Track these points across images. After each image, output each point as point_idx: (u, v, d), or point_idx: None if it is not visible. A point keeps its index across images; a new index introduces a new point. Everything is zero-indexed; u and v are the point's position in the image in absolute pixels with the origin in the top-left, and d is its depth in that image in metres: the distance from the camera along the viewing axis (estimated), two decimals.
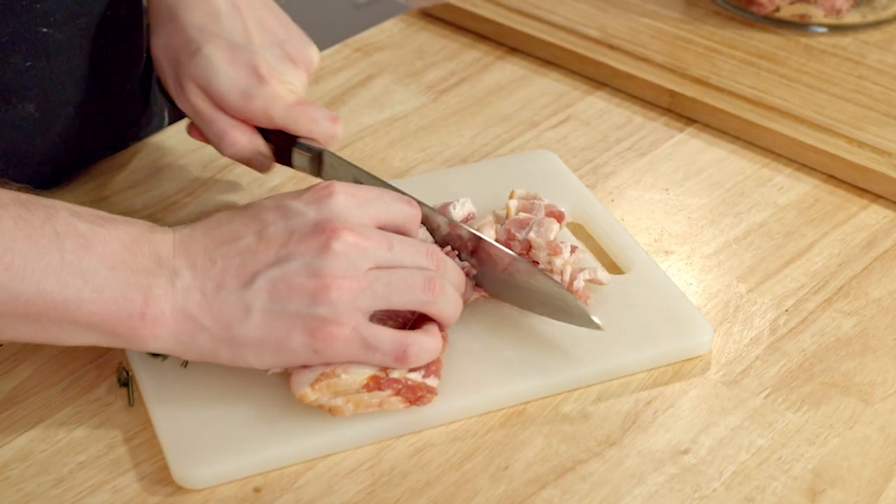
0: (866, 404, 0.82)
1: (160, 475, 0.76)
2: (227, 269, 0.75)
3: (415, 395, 0.77)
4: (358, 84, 1.14)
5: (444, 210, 0.90)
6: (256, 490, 0.76)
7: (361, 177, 0.86)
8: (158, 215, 0.98)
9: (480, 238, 0.84)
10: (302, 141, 0.87)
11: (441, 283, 0.78)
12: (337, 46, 1.19)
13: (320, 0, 2.39)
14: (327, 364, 0.76)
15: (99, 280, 0.73)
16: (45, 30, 0.92)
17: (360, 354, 0.76)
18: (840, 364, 0.85)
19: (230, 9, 0.90)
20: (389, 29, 1.21)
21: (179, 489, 0.75)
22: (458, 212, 0.90)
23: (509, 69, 1.16)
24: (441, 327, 0.80)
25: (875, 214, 0.98)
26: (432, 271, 0.78)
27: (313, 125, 0.87)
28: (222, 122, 0.87)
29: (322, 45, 1.19)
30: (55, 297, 0.72)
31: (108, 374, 0.83)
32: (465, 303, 0.84)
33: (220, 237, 0.76)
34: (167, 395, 0.79)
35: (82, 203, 0.98)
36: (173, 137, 1.06)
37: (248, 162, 0.89)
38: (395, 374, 0.77)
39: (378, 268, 0.76)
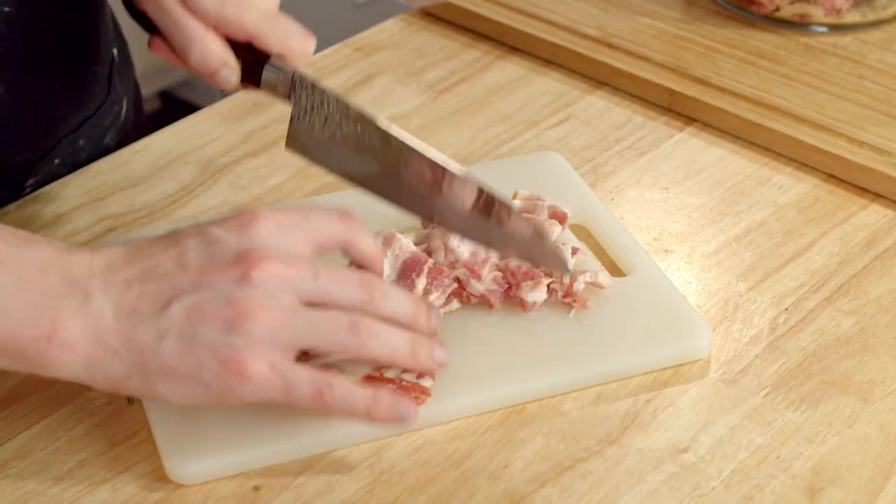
0: (866, 403, 0.82)
1: (160, 473, 0.76)
2: (143, 295, 0.72)
3: (409, 396, 0.77)
4: (358, 84, 1.14)
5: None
6: (256, 488, 0.76)
7: (334, 101, 0.81)
8: (158, 215, 0.98)
9: (446, 171, 0.80)
10: (274, 61, 0.82)
11: (368, 324, 0.73)
12: (337, 46, 1.19)
13: (320, 0, 2.39)
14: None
15: (5, 299, 0.70)
16: (7, 9, 0.91)
17: (276, 392, 0.72)
18: (839, 363, 0.85)
19: None
20: (389, 29, 1.21)
21: (179, 487, 0.76)
22: None
23: (509, 69, 1.16)
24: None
25: (875, 214, 0.98)
26: (365, 306, 0.74)
27: (287, 38, 0.82)
28: (192, 27, 0.81)
29: (322, 45, 1.19)
30: None
31: None
32: (432, 333, 0.78)
33: (137, 262, 0.73)
34: None
35: (82, 202, 0.99)
36: (173, 137, 1.06)
37: (212, 76, 0.83)
38: (389, 374, 0.77)
39: (306, 303, 0.72)
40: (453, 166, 0.80)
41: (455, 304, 0.85)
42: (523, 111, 1.10)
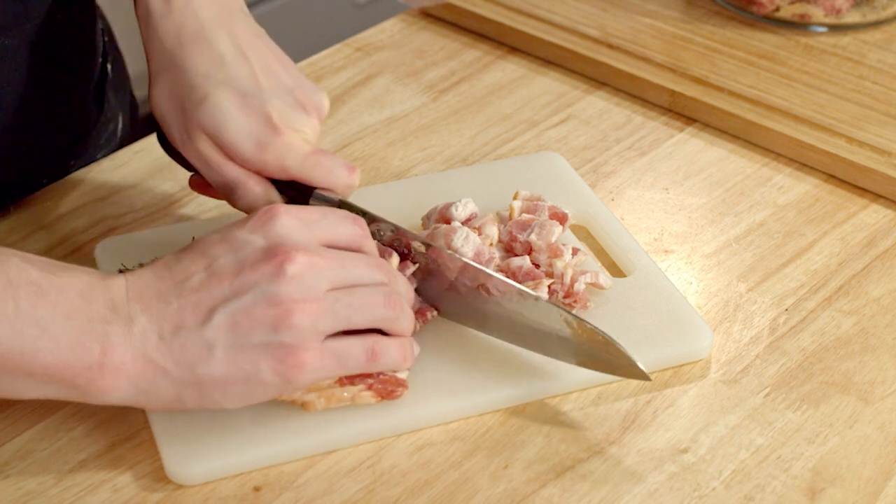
0: (866, 403, 0.82)
1: (160, 474, 0.76)
2: (184, 309, 0.73)
3: (386, 390, 0.78)
4: (358, 84, 1.14)
5: (444, 209, 0.90)
6: (256, 489, 0.76)
7: (382, 225, 0.83)
8: (158, 215, 0.98)
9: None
10: (319, 192, 0.83)
11: (399, 298, 0.77)
12: (337, 46, 1.19)
13: (320, 0, 2.39)
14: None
15: (55, 329, 0.70)
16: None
17: (333, 370, 0.75)
18: (840, 363, 0.85)
19: (236, 54, 0.85)
20: (389, 29, 1.21)
21: (179, 488, 0.76)
22: (461, 212, 0.90)
23: (509, 69, 1.16)
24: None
25: (875, 214, 0.98)
26: (388, 287, 0.77)
27: (330, 175, 0.83)
28: (234, 172, 0.82)
29: (322, 45, 1.20)
30: (9, 346, 0.69)
31: None
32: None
33: (170, 278, 0.74)
34: None
35: (82, 202, 0.99)
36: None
37: None
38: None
39: (335, 288, 0.74)
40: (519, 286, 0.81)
41: None
42: (523, 111, 1.10)
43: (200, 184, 0.88)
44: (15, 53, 0.93)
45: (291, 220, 0.75)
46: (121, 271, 0.75)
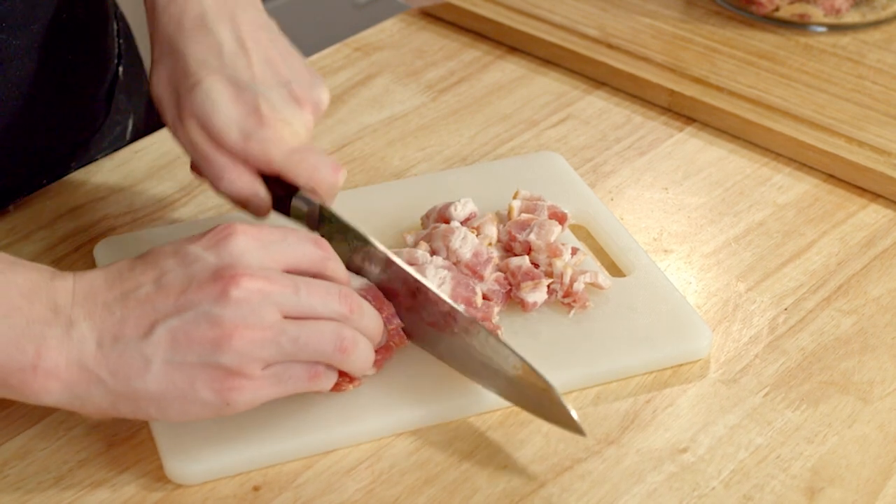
0: (865, 403, 0.82)
1: (160, 473, 0.76)
2: (126, 320, 0.71)
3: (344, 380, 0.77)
4: (358, 84, 1.14)
5: (444, 209, 0.90)
6: (256, 488, 0.76)
7: (360, 240, 0.81)
8: (158, 215, 0.98)
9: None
10: (302, 194, 0.82)
11: (353, 337, 0.74)
12: (337, 46, 1.19)
13: (320, 0, 2.39)
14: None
15: None
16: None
17: (274, 394, 0.73)
18: (839, 363, 0.85)
19: (234, 44, 0.85)
20: (389, 29, 1.22)
21: (178, 487, 0.76)
22: (460, 211, 0.90)
23: (509, 68, 1.16)
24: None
25: (874, 214, 0.98)
26: (344, 320, 0.74)
27: (314, 173, 0.82)
28: (220, 161, 0.82)
29: (322, 45, 1.20)
30: None
31: None
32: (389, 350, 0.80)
33: (119, 286, 0.72)
34: None
35: (82, 202, 0.99)
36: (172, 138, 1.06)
37: (244, 204, 0.84)
38: None
39: (287, 316, 0.72)
40: (470, 315, 0.79)
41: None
42: (523, 111, 1.10)
43: (199, 170, 0.87)
44: (21, 54, 0.93)
45: (248, 241, 0.73)
46: None
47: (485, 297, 0.85)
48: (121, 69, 1.08)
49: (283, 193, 0.83)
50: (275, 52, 0.86)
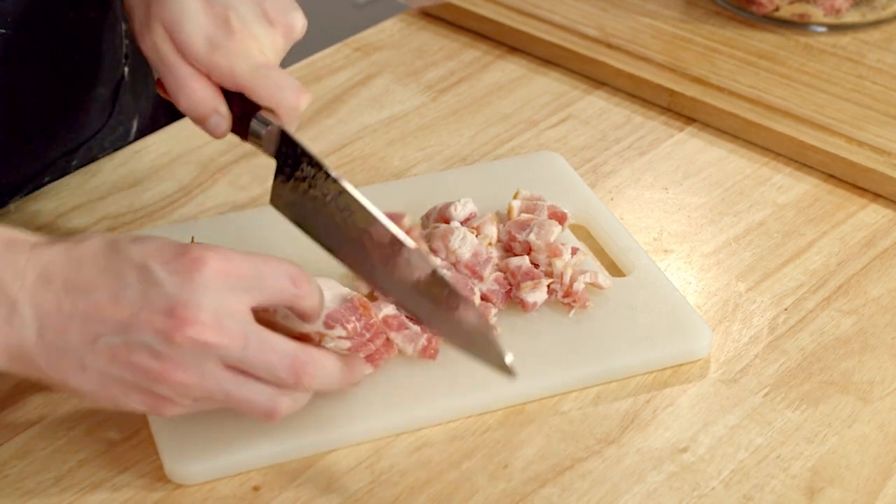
0: (865, 403, 0.82)
1: (160, 473, 0.76)
2: (72, 319, 0.70)
3: None
4: (358, 84, 1.14)
5: (444, 209, 0.90)
6: (255, 488, 0.76)
7: (316, 166, 0.77)
8: (158, 215, 0.98)
9: (403, 245, 0.75)
10: (261, 115, 0.79)
11: (289, 405, 0.73)
12: (337, 46, 1.19)
13: (320, 0, 2.39)
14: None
15: None
16: (2, 31, 0.91)
17: (207, 406, 0.74)
18: (839, 363, 0.85)
19: None
20: (389, 28, 1.22)
21: (179, 487, 0.76)
22: (460, 211, 0.90)
23: (509, 68, 1.16)
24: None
25: (874, 213, 0.98)
26: (287, 388, 0.73)
27: (276, 92, 0.79)
28: (183, 73, 0.80)
29: (322, 45, 1.20)
30: None
31: None
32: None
33: (74, 281, 0.71)
34: None
35: (82, 202, 0.99)
36: (172, 137, 1.06)
37: (202, 121, 0.81)
38: (329, 345, 0.76)
39: (229, 366, 0.71)
40: (410, 242, 0.76)
41: None
42: (523, 111, 1.10)
43: (163, 87, 0.84)
44: (27, 52, 0.93)
45: (215, 277, 0.70)
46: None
47: (484, 298, 0.85)
48: (127, 70, 1.08)
49: (243, 113, 0.81)
50: None
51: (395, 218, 0.84)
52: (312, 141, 1.06)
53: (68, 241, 0.73)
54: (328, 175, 0.77)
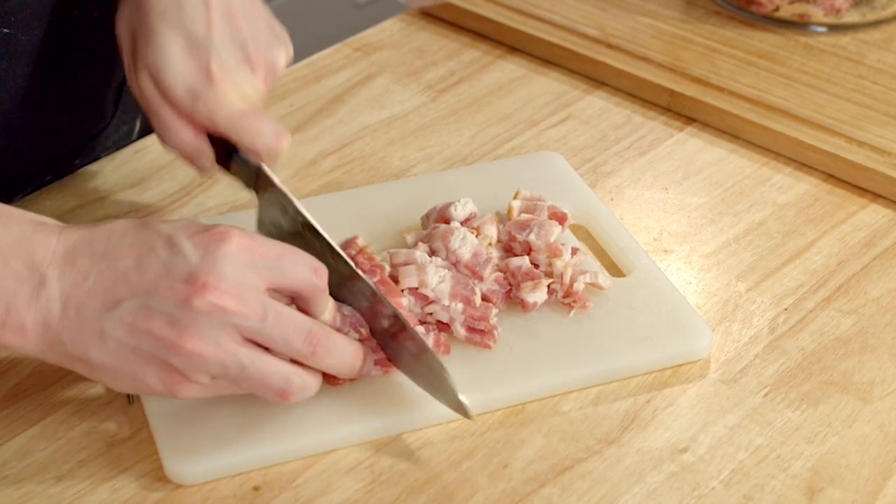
0: (865, 403, 0.82)
1: (160, 473, 0.76)
2: (96, 288, 0.72)
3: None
4: (358, 83, 1.14)
5: (444, 209, 0.90)
6: (255, 488, 0.76)
7: (289, 208, 0.80)
8: (158, 215, 0.98)
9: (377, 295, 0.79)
10: (242, 154, 0.82)
11: (301, 384, 0.74)
12: (337, 46, 1.19)
13: (320, 0, 2.39)
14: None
15: None
16: (6, 30, 0.91)
17: (222, 392, 0.75)
18: (839, 363, 0.85)
19: None
20: (389, 28, 1.22)
21: (178, 487, 0.76)
22: (460, 212, 0.90)
23: (509, 68, 1.16)
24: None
25: (874, 213, 0.98)
26: (303, 360, 0.74)
27: (256, 137, 0.81)
28: (167, 117, 0.82)
29: (322, 45, 1.20)
30: None
31: None
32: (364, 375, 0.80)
33: (101, 251, 0.73)
34: None
35: (82, 202, 0.99)
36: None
37: (189, 159, 0.84)
38: None
39: (247, 339, 0.72)
40: (362, 275, 0.79)
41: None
42: (523, 111, 1.10)
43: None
44: (30, 50, 0.93)
45: (238, 252, 0.72)
46: None
47: (485, 298, 0.85)
48: None
49: (225, 151, 0.83)
50: (237, 9, 0.85)
51: (348, 244, 0.86)
52: (312, 141, 1.06)
53: (97, 223, 0.75)
54: (297, 209, 0.80)
